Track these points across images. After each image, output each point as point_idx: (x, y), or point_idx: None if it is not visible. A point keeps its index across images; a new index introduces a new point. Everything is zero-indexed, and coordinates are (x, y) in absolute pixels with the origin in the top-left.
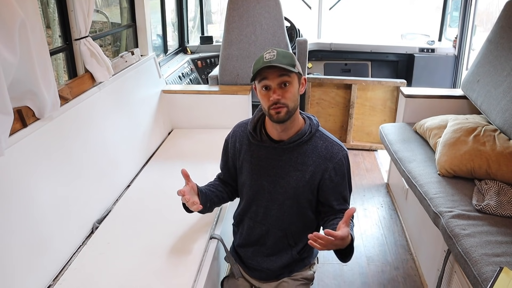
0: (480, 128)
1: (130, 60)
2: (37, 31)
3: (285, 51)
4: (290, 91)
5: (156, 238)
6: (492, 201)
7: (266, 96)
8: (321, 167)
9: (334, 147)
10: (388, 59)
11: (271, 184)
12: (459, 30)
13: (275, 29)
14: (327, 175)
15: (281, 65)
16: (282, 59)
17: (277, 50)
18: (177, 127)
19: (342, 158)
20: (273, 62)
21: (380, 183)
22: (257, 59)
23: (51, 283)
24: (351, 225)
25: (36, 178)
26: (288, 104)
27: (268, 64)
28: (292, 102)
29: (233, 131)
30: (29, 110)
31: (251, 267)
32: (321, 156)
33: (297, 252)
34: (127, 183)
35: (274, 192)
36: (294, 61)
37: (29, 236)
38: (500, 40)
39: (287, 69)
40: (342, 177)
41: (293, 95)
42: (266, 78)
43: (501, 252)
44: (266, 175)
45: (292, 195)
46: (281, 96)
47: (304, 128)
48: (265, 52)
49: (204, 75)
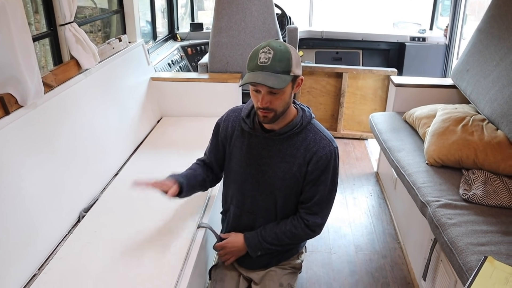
0: (469, 118)
1: (117, 46)
2: (18, 16)
3: (283, 52)
4: (280, 98)
5: (143, 227)
6: (479, 191)
7: (255, 97)
8: (306, 160)
9: (322, 141)
10: (380, 48)
11: (259, 174)
12: (450, 19)
13: (265, 16)
14: (309, 168)
15: (269, 83)
16: (277, 64)
17: (275, 50)
18: (166, 115)
19: (328, 153)
20: (265, 69)
21: (370, 172)
22: (252, 54)
23: (36, 272)
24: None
25: (20, 166)
26: (277, 109)
27: (260, 70)
28: (281, 107)
29: (227, 115)
30: (12, 97)
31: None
32: (308, 149)
33: None
34: (115, 172)
35: (261, 181)
36: (289, 66)
37: (14, 225)
38: (490, 29)
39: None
40: (323, 172)
41: (283, 101)
42: (255, 85)
43: (486, 241)
44: (255, 164)
45: (279, 186)
46: (269, 103)
47: (295, 120)
48: (261, 50)
49: (194, 62)
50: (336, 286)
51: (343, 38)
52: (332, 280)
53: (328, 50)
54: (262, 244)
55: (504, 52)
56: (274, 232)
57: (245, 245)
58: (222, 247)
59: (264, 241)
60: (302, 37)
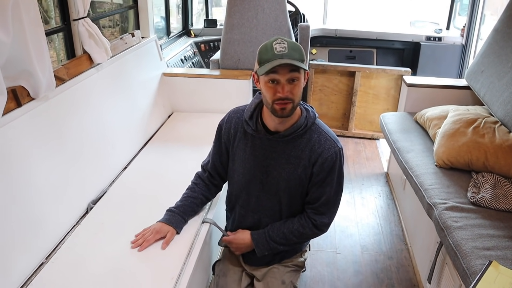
0: (481, 120)
1: (130, 42)
2: (31, 11)
3: (294, 43)
4: (298, 86)
5: (149, 220)
6: (488, 194)
7: (272, 89)
8: (311, 161)
9: (327, 142)
10: (394, 47)
11: (263, 175)
12: (468, 19)
13: (277, 13)
14: (314, 169)
15: (295, 62)
16: (293, 52)
17: (287, 41)
18: (177, 110)
19: (333, 154)
20: (285, 56)
21: (379, 172)
22: (264, 48)
23: (43, 260)
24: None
25: (31, 157)
26: (295, 99)
27: (280, 58)
28: (298, 97)
29: (228, 116)
30: (24, 90)
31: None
32: (313, 150)
33: None
34: (124, 165)
35: (266, 182)
36: (303, 55)
37: (24, 214)
38: (507, 29)
39: (300, 66)
40: (328, 173)
41: (300, 90)
42: (276, 72)
43: (492, 246)
44: (259, 165)
45: (284, 187)
46: (289, 92)
47: (299, 120)
48: (274, 42)
49: (207, 58)
50: (340, 286)
51: (357, 36)
52: (336, 280)
53: (341, 49)
54: (269, 243)
55: None
56: (281, 232)
57: (252, 243)
58: (230, 242)
59: (271, 240)
60: (316, 35)
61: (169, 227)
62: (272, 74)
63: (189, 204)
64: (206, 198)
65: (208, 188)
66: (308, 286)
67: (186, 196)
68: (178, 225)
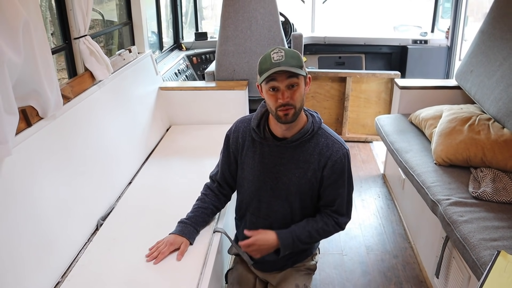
0: (475, 117)
1: (127, 57)
2: (39, 31)
3: (293, 51)
4: (298, 91)
5: (160, 233)
6: (488, 188)
7: (273, 97)
8: (321, 165)
9: (335, 145)
10: (382, 52)
11: (273, 181)
12: (452, 21)
13: (271, 24)
14: (325, 172)
15: (291, 69)
16: (291, 60)
17: (285, 50)
18: (175, 123)
19: (342, 156)
20: (282, 64)
21: (376, 174)
22: (263, 59)
23: (59, 279)
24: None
25: (41, 177)
26: (296, 105)
27: (277, 66)
28: (299, 102)
29: (235, 126)
30: (33, 110)
31: (254, 259)
32: (322, 154)
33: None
34: (129, 180)
35: (276, 188)
36: (301, 62)
37: (35, 234)
38: (493, 30)
39: (296, 72)
40: (340, 175)
41: (301, 95)
42: (274, 80)
43: (498, 237)
44: (268, 172)
45: (294, 191)
46: (290, 98)
47: (306, 126)
48: (272, 52)
49: (199, 71)
50: (349, 287)
51: (345, 43)
52: (345, 281)
53: (331, 55)
54: (295, 243)
55: (507, 52)
56: (307, 231)
57: (277, 243)
58: (251, 244)
59: (298, 240)
60: (305, 43)
61: (182, 239)
62: (272, 82)
63: (200, 215)
64: (216, 208)
65: (218, 198)
66: None
67: (197, 207)
68: (191, 236)
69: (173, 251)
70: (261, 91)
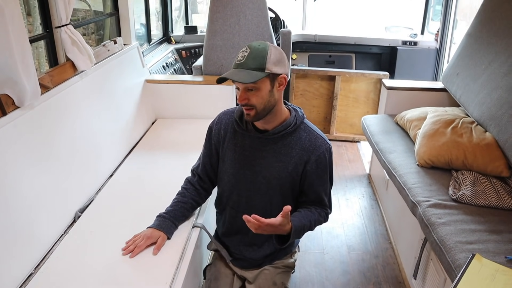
0: (458, 120)
1: (112, 49)
2: (15, 19)
3: (259, 50)
4: (257, 95)
5: (139, 226)
6: (468, 191)
7: (238, 94)
8: (303, 159)
9: (318, 140)
10: (372, 52)
11: (253, 174)
12: (441, 24)
13: (259, 19)
14: (308, 167)
15: (240, 77)
16: (251, 61)
17: (252, 48)
18: (161, 117)
19: (325, 151)
20: (239, 66)
21: (362, 174)
22: (237, 55)
23: (32, 271)
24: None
25: (17, 167)
26: (256, 106)
27: (235, 67)
28: (261, 104)
29: (218, 118)
30: (9, 98)
31: (234, 255)
32: (304, 148)
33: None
34: (110, 173)
35: (256, 182)
36: (263, 64)
37: (10, 225)
38: (479, 34)
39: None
40: (323, 170)
41: (261, 98)
42: (235, 80)
43: (474, 240)
44: (249, 165)
45: (274, 185)
46: (247, 99)
47: (289, 119)
48: (241, 50)
49: (188, 65)
50: (328, 286)
51: (336, 42)
52: (324, 280)
53: (321, 54)
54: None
55: (492, 57)
56: (308, 221)
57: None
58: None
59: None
60: (296, 40)
61: (159, 233)
62: (235, 82)
63: (179, 209)
64: (196, 203)
65: (198, 192)
66: (297, 287)
67: (176, 201)
68: (169, 231)
69: (150, 245)
70: None
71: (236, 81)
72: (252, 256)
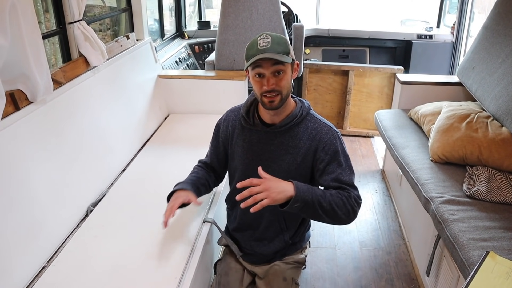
0: (473, 115)
1: (125, 44)
2: (28, 15)
3: (279, 37)
4: (284, 78)
5: (150, 221)
6: (482, 187)
7: (259, 83)
8: (312, 149)
9: (324, 128)
10: (386, 46)
11: (264, 169)
12: (457, 17)
13: (271, 14)
14: (318, 155)
15: (276, 57)
16: (277, 46)
17: (271, 35)
18: (173, 112)
19: (332, 138)
20: (267, 51)
21: (375, 169)
22: (250, 44)
23: (45, 264)
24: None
25: (30, 161)
26: (282, 91)
27: (262, 53)
28: (286, 89)
29: (226, 115)
30: (22, 94)
31: (244, 251)
32: (311, 138)
33: (290, 237)
34: (123, 168)
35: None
36: (288, 48)
37: (24, 218)
38: (496, 26)
39: (281, 60)
40: (333, 156)
41: (287, 82)
42: (260, 66)
43: (489, 237)
44: (258, 159)
45: (284, 178)
46: (275, 84)
47: (294, 111)
48: (259, 38)
49: (201, 60)
50: (340, 282)
51: (349, 36)
52: (336, 276)
53: (334, 48)
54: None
55: (509, 50)
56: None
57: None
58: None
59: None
60: (309, 35)
61: (185, 191)
62: (257, 69)
63: (196, 181)
64: (208, 185)
65: (209, 175)
66: (308, 283)
67: (192, 176)
68: (192, 189)
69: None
70: (249, 77)
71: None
72: (262, 252)
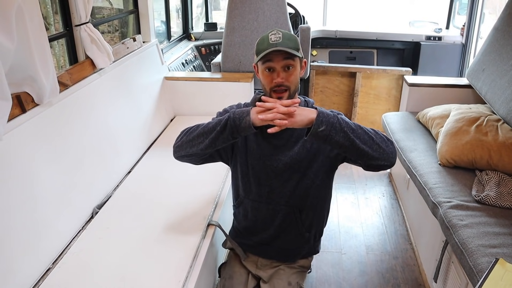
0: (483, 118)
1: (131, 46)
2: (34, 17)
3: (290, 34)
4: (293, 74)
5: (155, 224)
6: (492, 192)
7: (269, 77)
8: None
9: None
10: (394, 47)
11: (274, 163)
12: (467, 18)
13: (278, 15)
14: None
15: (288, 49)
16: (288, 41)
17: (282, 31)
18: (180, 114)
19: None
20: (279, 45)
21: (382, 173)
22: (261, 40)
23: (50, 266)
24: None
25: (36, 163)
26: (290, 87)
27: (274, 47)
28: (294, 85)
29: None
30: (28, 96)
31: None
32: None
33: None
34: (128, 170)
35: (277, 170)
36: (298, 45)
37: (29, 220)
38: (507, 28)
39: (293, 53)
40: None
41: (295, 78)
42: (270, 60)
43: (498, 244)
44: (268, 154)
45: (297, 169)
46: (285, 79)
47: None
48: (270, 33)
49: (208, 62)
50: (345, 286)
51: (357, 37)
52: (341, 280)
53: (342, 50)
54: (335, 114)
55: None
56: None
57: (313, 110)
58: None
59: (338, 115)
60: (316, 36)
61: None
62: (268, 62)
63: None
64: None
65: None
66: (314, 287)
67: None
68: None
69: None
70: (257, 72)
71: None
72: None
